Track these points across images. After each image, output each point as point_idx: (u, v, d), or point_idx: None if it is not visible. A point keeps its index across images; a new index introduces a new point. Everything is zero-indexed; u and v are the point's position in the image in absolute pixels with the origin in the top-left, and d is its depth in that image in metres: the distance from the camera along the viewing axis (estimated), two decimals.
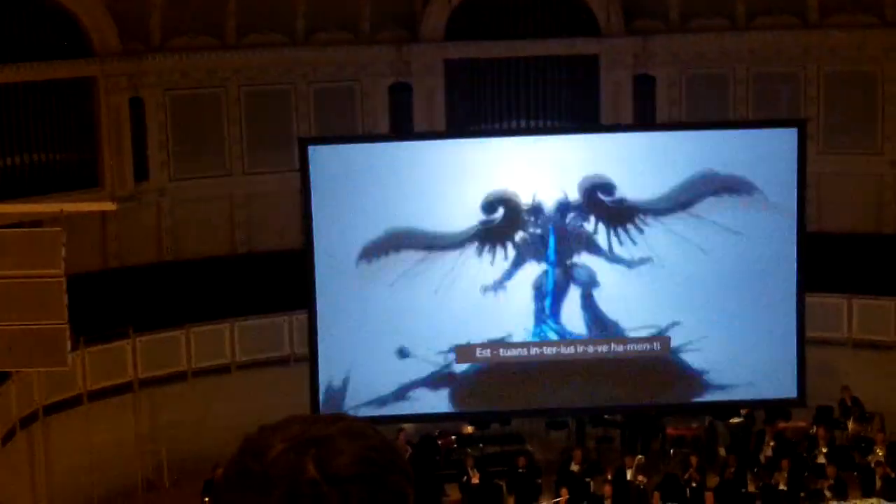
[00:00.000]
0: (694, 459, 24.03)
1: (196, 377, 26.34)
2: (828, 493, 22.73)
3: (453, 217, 24.68)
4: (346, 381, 25.07)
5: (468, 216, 24.70)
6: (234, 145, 27.66)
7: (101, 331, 24.81)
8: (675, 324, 25.12)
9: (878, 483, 22.90)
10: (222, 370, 26.61)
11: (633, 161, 24.76)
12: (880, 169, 27.58)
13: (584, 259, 24.96)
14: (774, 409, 25.76)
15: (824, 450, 24.36)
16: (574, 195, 24.76)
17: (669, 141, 25.23)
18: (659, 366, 25.37)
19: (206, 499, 22.20)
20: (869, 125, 27.58)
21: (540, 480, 24.29)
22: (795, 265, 24.88)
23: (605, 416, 26.52)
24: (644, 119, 28.12)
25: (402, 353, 24.99)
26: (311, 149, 25.00)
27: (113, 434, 24.80)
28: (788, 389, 25.33)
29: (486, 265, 24.87)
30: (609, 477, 23.64)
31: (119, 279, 26.03)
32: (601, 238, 24.87)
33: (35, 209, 22.25)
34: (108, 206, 23.52)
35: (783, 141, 24.90)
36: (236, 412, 23.28)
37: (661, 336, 25.17)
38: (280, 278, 26.09)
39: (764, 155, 24.79)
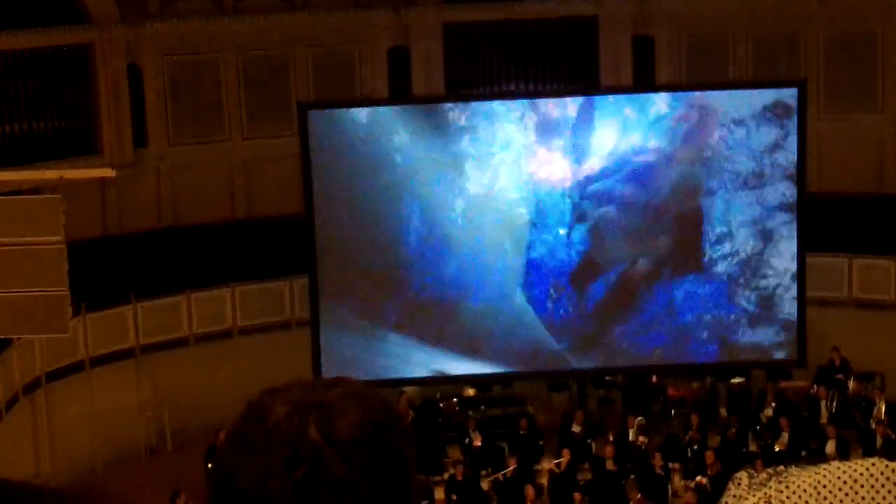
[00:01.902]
0: (695, 420, 24.10)
1: (197, 342, 26.37)
2: (829, 453, 22.81)
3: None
4: (347, 345, 25.13)
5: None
6: (233, 111, 27.60)
7: (102, 297, 24.81)
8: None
9: (879, 442, 22.99)
10: (224, 335, 26.64)
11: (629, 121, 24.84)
12: (881, 129, 27.54)
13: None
14: (775, 369, 25.82)
15: (825, 410, 24.43)
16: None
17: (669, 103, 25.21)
18: (660, 327, 25.41)
19: (210, 464, 22.25)
20: (869, 86, 27.51)
21: (541, 442, 24.36)
22: (795, 226, 24.90)
23: (607, 378, 26.56)
24: (643, 81, 28.03)
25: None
26: (310, 114, 24.99)
27: (115, 400, 24.86)
28: (789, 350, 25.38)
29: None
30: (611, 438, 23.71)
31: (119, 246, 26.03)
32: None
33: (34, 177, 22.22)
34: (108, 173, 23.45)
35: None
36: (238, 377, 23.32)
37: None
38: (280, 243, 26.08)
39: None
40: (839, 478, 1.27)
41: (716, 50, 28.10)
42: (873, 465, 1.27)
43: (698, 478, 22.45)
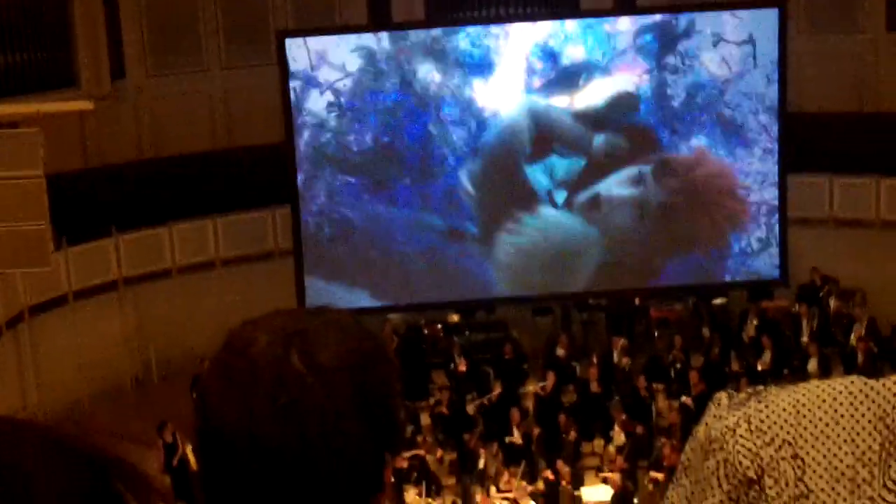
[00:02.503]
0: (678, 341, 24.22)
1: (181, 274, 26.36)
2: (811, 371, 22.96)
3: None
4: (331, 274, 25.17)
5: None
6: (211, 40, 27.40)
7: (83, 231, 24.75)
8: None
9: (860, 359, 23.15)
10: (207, 266, 26.63)
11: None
12: (861, 48, 27.46)
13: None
14: (757, 289, 25.92)
15: (807, 328, 24.56)
16: None
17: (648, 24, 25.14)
18: (644, 249, 25.47)
19: (195, 394, 22.31)
20: (849, 5, 27.39)
21: (526, 366, 24.47)
22: (777, 146, 24.92)
23: (590, 301, 26.63)
24: (624, 4, 27.82)
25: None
26: (288, 41, 24.85)
27: (100, 333, 24.87)
28: (771, 269, 25.47)
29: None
30: (595, 360, 23.82)
31: (100, 178, 25.91)
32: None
33: (11, 110, 22.04)
34: (86, 106, 23.33)
35: (764, 21, 24.85)
36: (222, 308, 23.36)
37: None
38: (262, 173, 26.00)
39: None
40: (818, 396, 1.28)
41: None
42: (852, 382, 1.28)
43: (682, 398, 22.59)
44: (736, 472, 1.28)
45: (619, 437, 21.74)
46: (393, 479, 17.28)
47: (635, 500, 20.46)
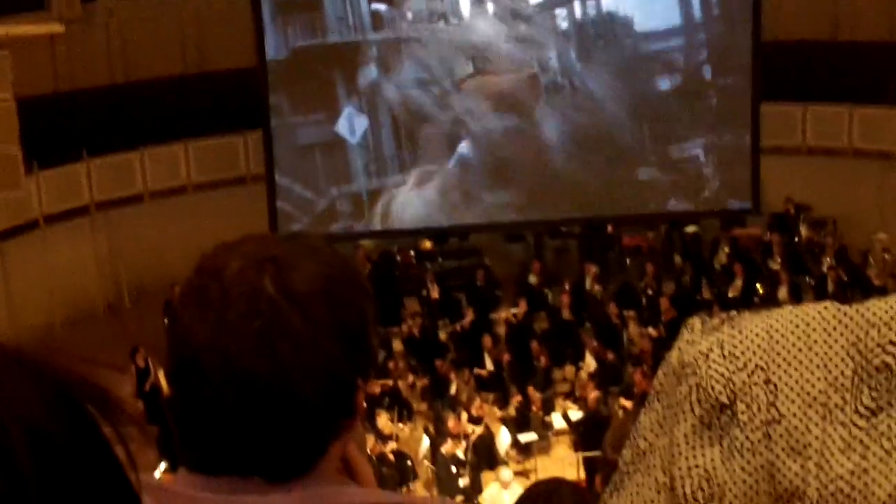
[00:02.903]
0: (650, 268, 24.30)
1: (153, 199, 26.27)
2: (782, 299, 23.08)
3: None
4: (303, 199, 25.13)
5: None
6: None
7: (54, 155, 24.62)
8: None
9: (831, 287, 23.28)
10: (179, 191, 26.54)
11: None
12: None
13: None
14: (729, 217, 25.98)
15: (778, 256, 24.66)
16: None
17: None
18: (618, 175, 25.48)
19: (167, 319, 22.32)
20: None
21: (498, 293, 24.54)
22: (751, 74, 24.89)
23: (563, 229, 26.66)
24: None
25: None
26: None
27: (71, 257, 24.81)
28: (743, 198, 25.52)
29: None
30: (567, 287, 23.88)
31: (71, 102, 25.73)
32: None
33: None
34: (56, 29, 23.16)
35: None
36: (194, 233, 23.27)
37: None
38: (234, 97, 25.86)
39: None
40: (791, 322, 1.28)
41: None
42: (825, 308, 1.28)
43: (654, 325, 22.71)
44: (708, 397, 1.28)
45: (589, 363, 21.85)
46: (365, 405, 17.35)
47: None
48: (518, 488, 17.59)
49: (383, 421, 20.23)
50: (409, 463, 19.44)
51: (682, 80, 25.19)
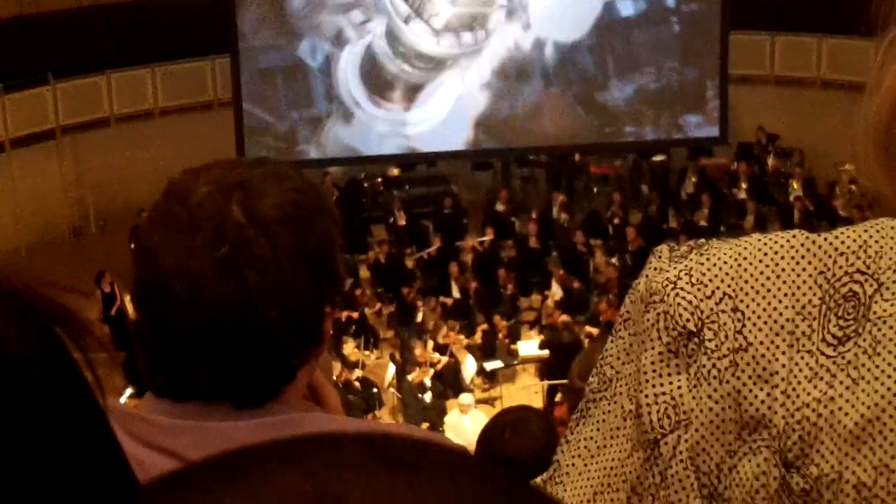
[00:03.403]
0: (617, 197, 24.36)
1: (119, 123, 26.13)
2: (747, 228, 23.17)
3: None
4: (269, 125, 25.03)
5: None
6: None
7: (20, 78, 24.42)
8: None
9: (797, 217, 23.39)
10: (145, 116, 26.40)
11: None
12: None
13: None
14: (697, 146, 26.01)
15: (744, 185, 24.74)
16: None
17: None
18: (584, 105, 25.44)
19: (134, 243, 22.25)
20: None
21: (465, 220, 24.56)
22: (719, 2, 24.84)
23: (530, 157, 26.66)
24: None
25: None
26: None
27: (37, 182, 24.68)
28: (710, 127, 25.53)
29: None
30: (534, 216, 23.91)
31: (36, 25, 25.49)
32: None
33: None
34: None
35: None
36: (161, 158, 23.16)
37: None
38: (202, 21, 25.64)
39: None
40: (760, 249, 1.28)
41: None
42: (794, 236, 1.29)
43: (620, 254, 22.79)
44: (675, 325, 1.29)
45: (556, 292, 21.92)
46: (331, 332, 17.38)
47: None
48: (479, 413, 17.76)
49: (349, 348, 20.29)
50: (374, 390, 19.52)
51: (646, 6, 25.07)
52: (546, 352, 20.01)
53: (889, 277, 1.22)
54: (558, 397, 19.00)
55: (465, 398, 18.33)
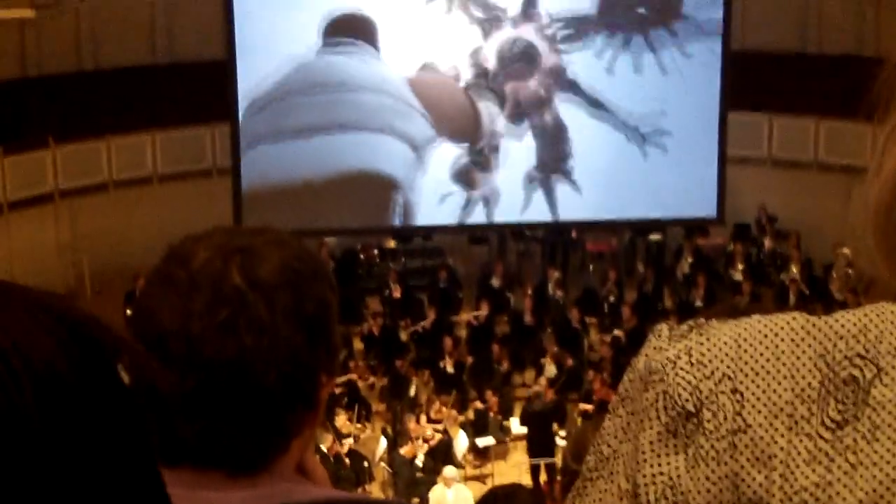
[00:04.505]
0: (612, 274, 24.36)
1: (118, 188, 26.19)
2: (743, 308, 23.16)
3: None
4: (268, 192, 25.07)
5: None
6: None
7: (20, 140, 24.52)
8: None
9: (792, 299, 23.40)
10: (144, 181, 26.47)
11: None
12: None
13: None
14: (693, 225, 26.06)
15: (741, 266, 24.77)
16: None
17: None
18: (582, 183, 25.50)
19: (128, 309, 22.24)
20: None
21: (461, 294, 24.55)
22: (719, 84, 24.98)
23: (526, 232, 26.71)
24: None
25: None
26: None
27: (34, 244, 24.70)
28: (708, 207, 25.58)
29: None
30: (529, 291, 23.91)
31: (38, 88, 25.63)
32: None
33: None
34: (26, 14, 23.05)
35: None
36: (158, 223, 23.21)
37: None
38: (202, 89, 25.79)
39: None
40: (760, 331, 1.28)
41: None
42: (794, 318, 1.29)
43: (615, 331, 22.76)
44: (675, 405, 1.28)
45: (550, 368, 21.87)
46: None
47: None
48: (462, 487, 17.72)
49: (341, 420, 20.21)
50: (365, 464, 19.42)
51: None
52: (525, 429, 20.03)
53: (889, 363, 1.22)
54: (543, 477, 19.02)
55: (450, 471, 18.24)
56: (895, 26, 25.54)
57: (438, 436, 19.87)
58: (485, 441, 20.25)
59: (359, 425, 20.71)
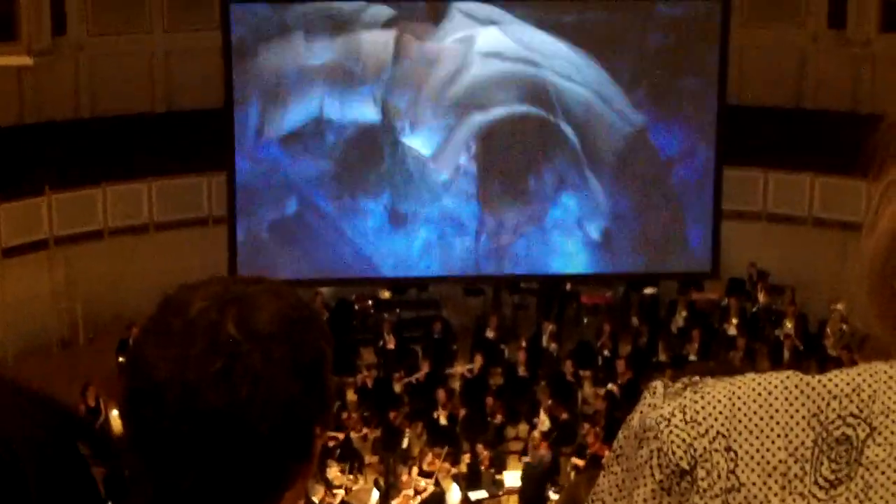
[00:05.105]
0: (607, 328, 24.33)
1: (113, 236, 26.17)
2: (737, 364, 23.14)
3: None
4: (263, 242, 25.09)
5: None
6: (155, 1, 27.18)
7: (16, 187, 24.53)
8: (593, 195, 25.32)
9: (787, 355, 23.37)
10: (140, 229, 26.46)
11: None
12: (802, 43, 27.67)
13: None
14: (688, 280, 26.05)
15: (735, 321, 24.74)
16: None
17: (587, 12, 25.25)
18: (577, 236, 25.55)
19: (121, 357, 22.18)
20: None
21: (455, 346, 24.50)
22: (714, 138, 25.06)
23: (521, 284, 26.70)
24: None
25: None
26: (232, 7, 24.68)
27: (28, 291, 24.65)
28: (702, 262, 25.59)
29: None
30: (523, 344, 23.88)
31: (35, 135, 25.66)
32: None
33: None
34: (25, 62, 23.11)
35: (707, 13, 25.01)
36: (153, 272, 23.17)
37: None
38: (199, 138, 25.83)
39: (687, 27, 24.92)
40: (754, 389, 1.29)
41: None
42: (788, 377, 1.29)
43: (609, 385, 22.71)
44: (669, 462, 1.28)
45: (543, 422, 21.80)
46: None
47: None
48: None
49: (334, 472, 20.12)
50: None
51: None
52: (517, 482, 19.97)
53: (882, 422, 1.22)
54: None
55: None
56: (891, 83, 25.65)
57: (431, 488, 19.79)
58: (477, 494, 20.16)
59: (350, 477, 20.61)
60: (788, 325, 24.41)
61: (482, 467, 20.67)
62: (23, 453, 1.02)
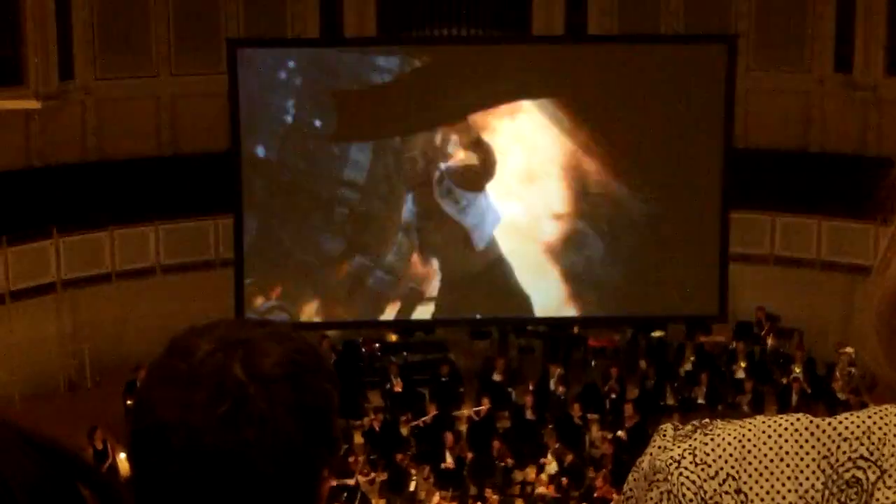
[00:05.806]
0: (614, 371, 24.28)
1: (120, 279, 26.19)
2: (745, 407, 23.09)
3: None
4: (270, 287, 25.12)
5: None
6: (161, 45, 27.28)
7: (23, 231, 24.59)
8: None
9: (795, 398, 23.31)
10: (146, 272, 26.48)
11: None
12: (808, 86, 27.72)
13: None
14: (695, 322, 26.02)
15: (743, 364, 24.69)
16: None
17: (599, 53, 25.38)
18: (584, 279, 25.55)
19: (128, 400, 22.17)
20: (798, 42, 27.65)
21: (462, 389, 24.46)
22: (720, 181, 25.08)
23: (528, 327, 26.68)
24: (575, 30, 27.93)
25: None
26: (239, 51, 24.80)
27: (35, 334, 24.67)
28: (710, 305, 25.56)
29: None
30: (530, 387, 23.84)
31: (42, 178, 25.73)
32: None
33: None
34: (32, 105, 23.19)
35: (713, 56, 25.09)
36: (160, 315, 23.20)
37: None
38: (206, 181, 25.90)
39: (693, 70, 24.99)
40: (764, 432, 1.28)
41: (649, 2, 28.03)
42: (798, 420, 1.28)
43: (617, 429, 22.65)
44: None
45: (551, 465, 21.75)
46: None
47: None
48: None
49: None
50: None
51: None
52: None
53: (892, 465, 1.22)
54: None
55: None
56: None
57: None
58: None
59: None
60: (796, 368, 24.36)
61: None
62: (20, 494, 1.01)
